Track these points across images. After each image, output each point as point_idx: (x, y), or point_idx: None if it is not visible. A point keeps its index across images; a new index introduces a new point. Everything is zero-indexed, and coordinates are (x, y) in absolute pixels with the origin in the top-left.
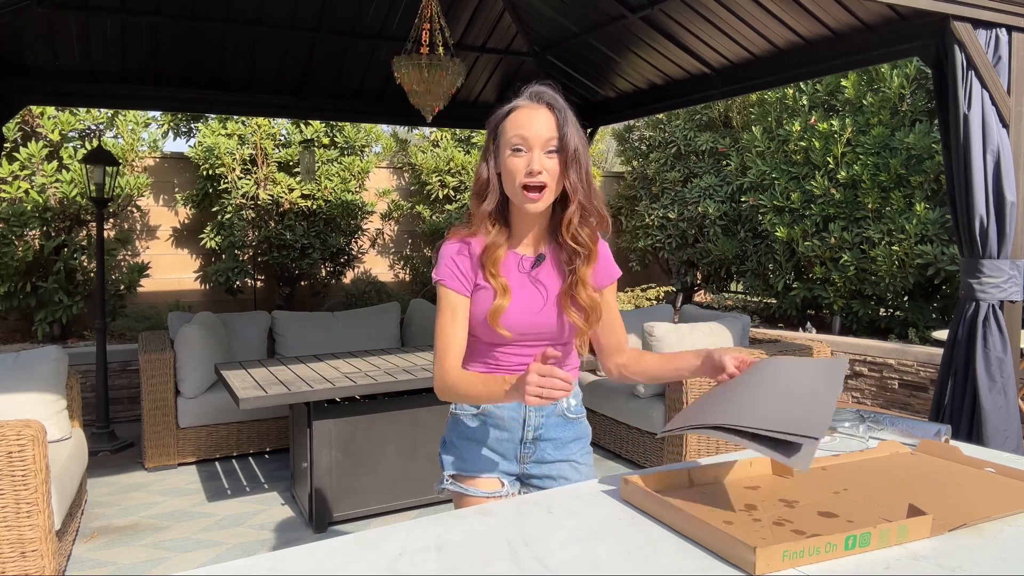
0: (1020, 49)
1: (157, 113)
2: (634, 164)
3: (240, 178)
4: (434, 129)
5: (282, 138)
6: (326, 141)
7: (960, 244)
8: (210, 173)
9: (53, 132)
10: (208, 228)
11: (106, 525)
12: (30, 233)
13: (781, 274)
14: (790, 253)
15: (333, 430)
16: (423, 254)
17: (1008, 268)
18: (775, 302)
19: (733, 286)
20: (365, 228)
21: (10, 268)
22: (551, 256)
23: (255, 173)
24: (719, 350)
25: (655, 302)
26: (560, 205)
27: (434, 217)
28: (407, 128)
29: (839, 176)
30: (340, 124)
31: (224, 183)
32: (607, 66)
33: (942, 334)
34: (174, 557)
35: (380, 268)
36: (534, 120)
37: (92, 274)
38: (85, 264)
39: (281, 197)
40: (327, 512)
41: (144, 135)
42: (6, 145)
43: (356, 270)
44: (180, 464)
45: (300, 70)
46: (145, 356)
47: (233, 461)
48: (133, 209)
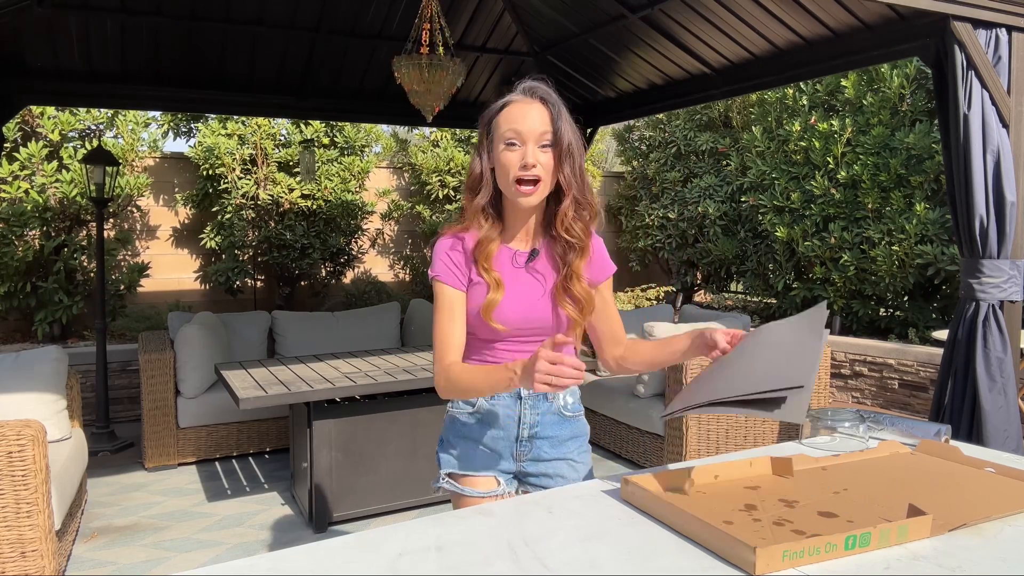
0: (1020, 49)
1: (157, 113)
2: (634, 164)
3: (240, 178)
4: (434, 129)
5: (282, 138)
6: (326, 141)
7: (960, 244)
8: (210, 173)
9: (53, 132)
10: (208, 228)
11: (106, 525)
12: (30, 233)
13: (781, 274)
14: (790, 253)
15: (333, 430)
16: (423, 254)
17: (1008, 268)
18: (775, 302)
19: (733, 286)
20: (365, 228)
21: (10, 268)
22: (545, 250)
23: (255, 173)
24: (710, 329)
25: (655, 302)
26: (554, 199)
27: (434, 217)
28: (407, 128)
29: (839, 176)
30: (340, 124)
31: (224, 183)
32: (607, 66)
33: (942, 334)
34: (174, 557)
35: (380, 268)
36: (528, 114)
37: (92, 274)
38: (85, 264)
39: (281, 197)
40: (327, 512)
41: (144, 135)
42: (6, 145)
43: (356, 270)
44: (180, 464)
45: (300, 70)
46: (145, 356)
47: (233, 461)
48: (133, 209)
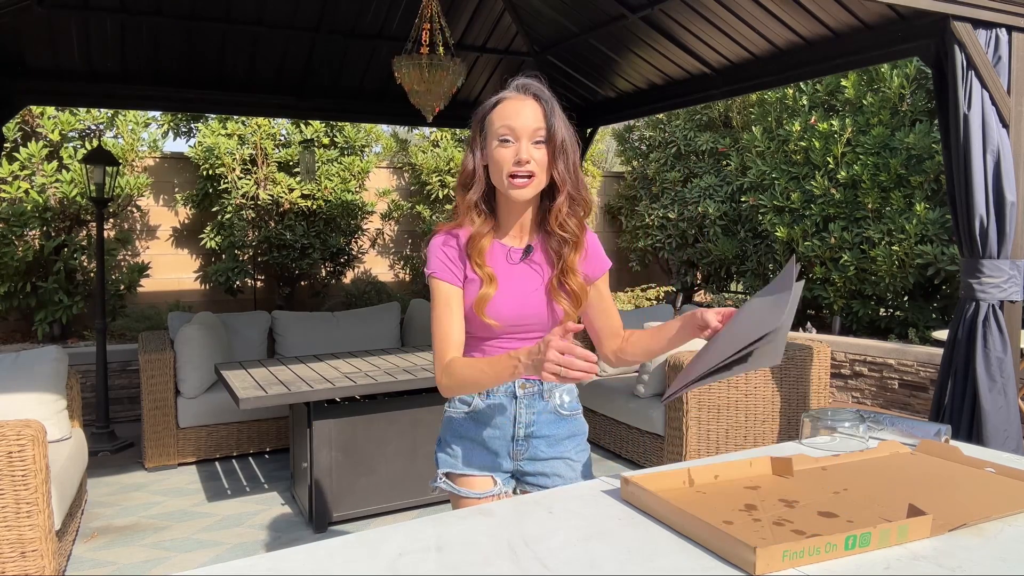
0: (1020, 49)
1: (157, 113)
2: (634, 164)
3: (240, 178)
4: (434, 129)
5: (282, 138)
6: (326, 141)
7: (960, 244)
8: (210, 173)
9: (53, 132)
10: (208, 228)
11: (106, 525)
12: (30, 233)
13: None
14: (790, 253)
15: (333, 430)
16: (423, 254)
17: (1008, 268)
18: None
19: (733, 286)
20: (365, 228)
21: (10, 268)
22: (539, 246)
23: (255, 173)
24: (701, 309)
25: (655, 302)
26: (548, 196)
27: (434, 217)
28: (407, 128)
29: (839, 176)
30: (340, 124)
31: (224, 183)
32: (607, 66)
33: (942, 334)
34: (174, 557)
35: (380, 268)
36: (521, 111)
37: (92, 274)
38: (85, 264)
39: (281, 197)
40: (327, 512)
41: (144, 135)
42: (6, 145)
43: (356, 270)
44: (180, 464)
45: (300, 70)
46: (145, 356)
47: (233, 461)
48: (133, 209)
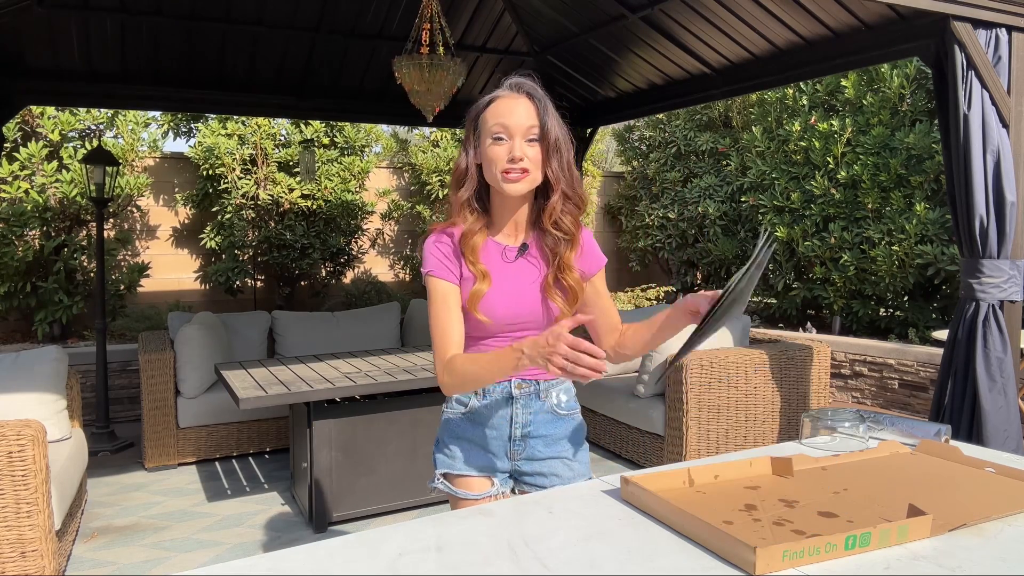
0: (1020, 49)
1: (157, 113)
2: (634, 164)
3: (240, 178)
4: (434, 129)
5: (282, 138)
6: (326, 141)
7: (960, 244)
8: (210, 173)
9: (53, 132)
10: (208, 228)
11: (106, 525)
12: (30, 233)
13: (781, 274)
14: (790, 253)
15: (333, 430)
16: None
17: (1008, 268)
18: (775, 302)
19: None
20: (365, 228)
21: (10, 268)
22: (535, 244)
23: (255, 173)
24: (691, 295)
25: (655, 302)
26: (542, 194)
27: (434, 217)
28: (407, 128)
29: (839, 176)
30: (340, 124)
31: (224, 183)
32: (607, 66)
33: (942, 334)
34: (174, 557)
35: (380, 268)
36: (515, 109)
37: (92, 274)
38: (85, 264)
39: (281, 197)
40: (327, 512)
41: (144, 135)
42: (6, 145)
43: (356, 270)
44: (180, 464)
45: (300, 70)
46: (145, 356)
47: (233, 461)
48: (133, 209)
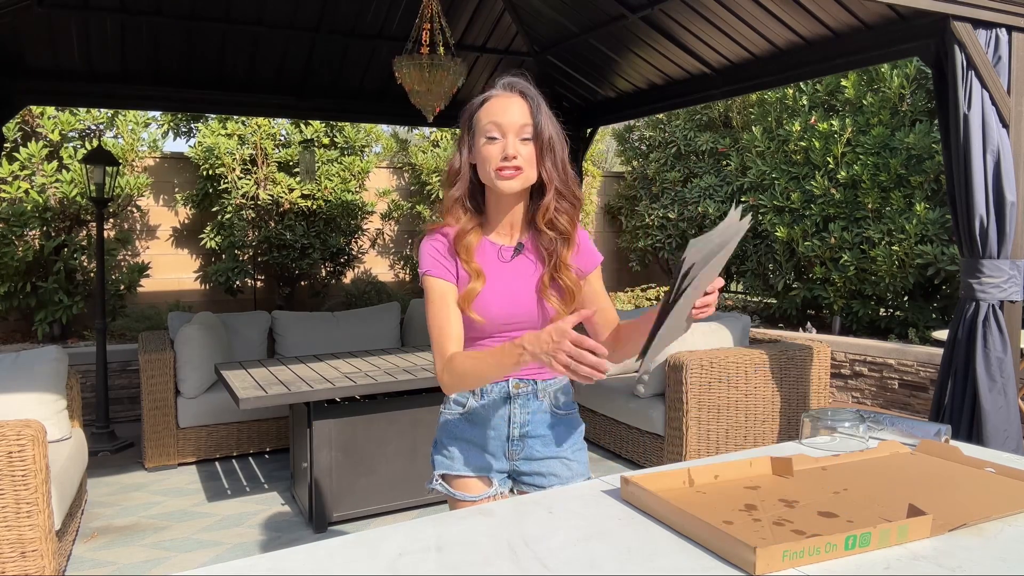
0: (1020, 49)
1: (157, 113)
2: (634, 164)
3: (240, 178)
4: (434, 129)
5: (282, 138)
6: (326, 141)
7: (960, 244)
8: (210, 173)
9: (53, 132)
10: (208, 228)
11: (106, 525)
12: (30, 233)
13: (781, 274)
14: (790, 253)
15: (333, 430)
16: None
17: (1008, 268)
18: (775, 302)
19: (733, 286)
20: (365, 228)
21: (10, 268)
22: (530, 244)
23: (255, 173)
24: None
25: (655, 302)
26: (537, 193)
27: (434, 217)
28: (407, 128)
29: (839, 176)
30: (340, 124)
31: (224, 183)
32: (607, 66)
33: (942, 334)
34: (174, 557)
35: (380, 268)
36: (508, 108)
37: (92, 274)
38: (85, 264)
39: (281, 197)
40: (327, 512)
41: (144, 135)
42: (6, 145)
43: (356, 270)
44: (180, 464)
45: (300, 70)
46: (145, 356)
47: (233, 461)
48: (133, 209)
